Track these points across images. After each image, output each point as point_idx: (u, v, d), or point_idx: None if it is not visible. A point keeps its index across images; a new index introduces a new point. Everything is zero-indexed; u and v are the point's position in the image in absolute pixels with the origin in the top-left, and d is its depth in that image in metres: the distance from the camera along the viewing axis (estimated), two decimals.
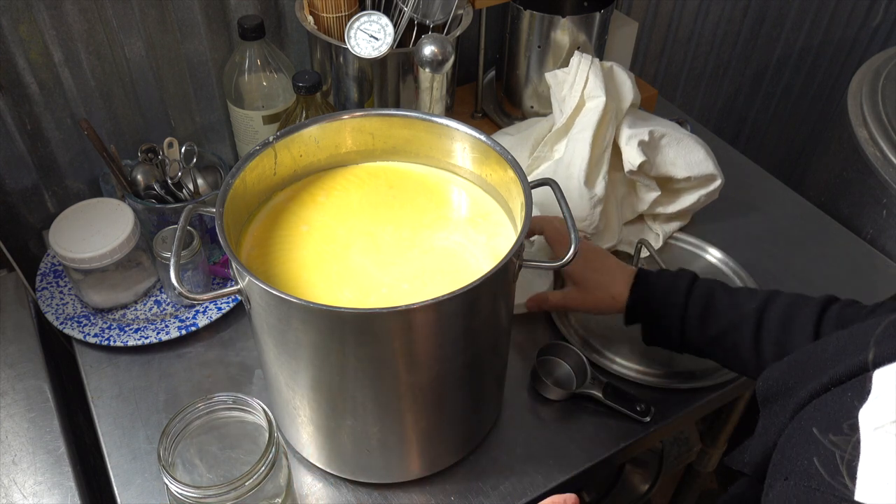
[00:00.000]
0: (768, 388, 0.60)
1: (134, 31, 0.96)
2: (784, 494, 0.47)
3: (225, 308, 0.92)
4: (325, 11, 0.95)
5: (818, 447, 0.47)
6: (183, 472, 0.66)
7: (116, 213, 0.89)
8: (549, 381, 0.84)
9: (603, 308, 0.83)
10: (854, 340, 0.54)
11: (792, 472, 0.48)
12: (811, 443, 0.48)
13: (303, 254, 0.71)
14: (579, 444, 0.81)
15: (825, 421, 0.49)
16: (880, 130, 1.18)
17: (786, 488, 0.48)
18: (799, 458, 0.48)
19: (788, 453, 0.51)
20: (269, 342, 0.67)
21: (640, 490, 1.22)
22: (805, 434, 0.50)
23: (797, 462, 0.48)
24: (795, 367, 0.58)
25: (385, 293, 0.68)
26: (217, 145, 1.13)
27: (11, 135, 0.95)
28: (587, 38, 1.10)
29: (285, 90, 1.01)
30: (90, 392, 0.85)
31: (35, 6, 0.87)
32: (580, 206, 0.92)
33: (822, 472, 0.45)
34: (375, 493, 0.77)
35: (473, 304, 0.63)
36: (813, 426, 0.50)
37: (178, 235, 0.66)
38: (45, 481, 0.77)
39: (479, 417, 0.79)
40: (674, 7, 1.45)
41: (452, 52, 0.88)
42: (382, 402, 0.68)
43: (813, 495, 0.45)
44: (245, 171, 0.70)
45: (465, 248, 0.72)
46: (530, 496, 0.77)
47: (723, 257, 1.02)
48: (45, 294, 0.93)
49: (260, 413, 0.65)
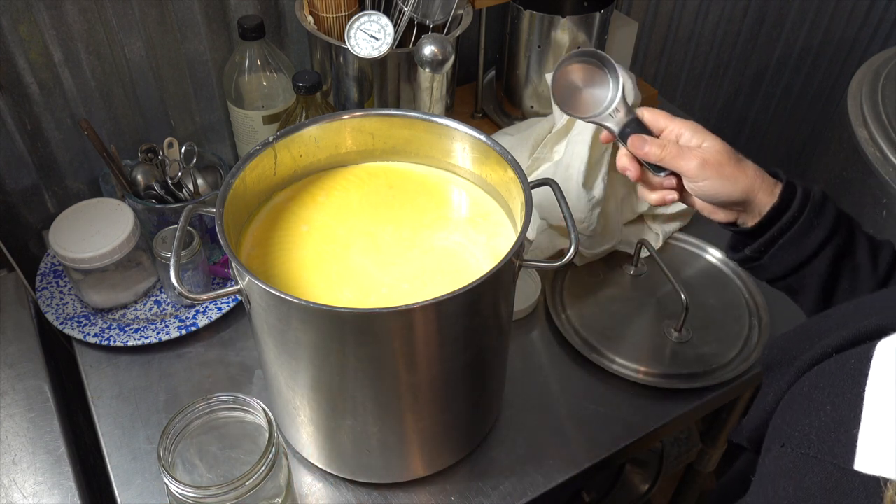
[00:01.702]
0: (772, 356, 0.58)
1: (134, 31, 0.96)
2: (780, 460, 0.47)
3: (225, 308, 0.92)
4: (325, 11, 0.95)
5: (818, 414, 0.46)
6: (183, 472, 0.66)
7: (116, 213, 0.89)
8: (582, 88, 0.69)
9: (729, 198, 0.66)
10: (859, 309, 0.53)
11: (789, 439, 0.47)
12: (811, 409, 0.47)
13: (303, 254, 0.71)
14: (579, 444, 0.81)
15: (826, 387, 0.48)
16: (880, 130, 1.18)
17: (782, 455, 0.47)
18: (798, 424, 0.47)
19: (787, 419, 0.50)
20: (269, 342, 0.67)
21: (640, 490, 1.22)
22: (805, 400, 0.49)
23: (796, 428, 0.47)
24: (800, 334, 0.57)
25: (385, 293, 0.68)
26: (217, 145, 1.13)
27: (11, 135, 0.96)
28: (587, 38, 1.10)
29: (285, 90, 1.01)
30: (90, 392, 0.85)
31: (35, 6, 0.87)
32: (578, 208, 0.92)
33: (821, 439, 0.44)
34: (375, 493, 0.77)
35: (473, 304, 0.63)
36: (814, 392, 0.49)
37: (178, 235, 0.66)
38: (45, 481, 0.77)
39: (479, 417, 0.79)
40: (674, 7, 1.45)
41: (452, 52, 0.88)
42: (382, 402, 0.68)
43: (809, 462, 0.44)
44: (245, 171, 0.70)
45: (465, 248, 0.72)
46: (530, 496, 0.77)
47: (723, 257, 1.02)
48: (45, 294, 0.93)
49: (260, 413, 0.65)
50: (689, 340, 0.91)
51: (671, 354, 0.89)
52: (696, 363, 0.88)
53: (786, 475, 0.45)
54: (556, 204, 0.70)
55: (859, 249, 0.66)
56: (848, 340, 0.50)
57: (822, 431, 0.45)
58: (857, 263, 0.66)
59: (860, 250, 0.66)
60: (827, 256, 0.65)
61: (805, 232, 0.65)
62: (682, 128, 0.67)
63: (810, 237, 0.65)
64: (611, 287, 0.98)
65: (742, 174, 0.65)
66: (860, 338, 0.49)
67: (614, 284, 0.98)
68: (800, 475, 0.44)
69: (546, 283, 0.97)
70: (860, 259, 0.65)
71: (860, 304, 0.55)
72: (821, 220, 0.65)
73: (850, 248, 0.66)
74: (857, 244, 0.66)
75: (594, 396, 0.86)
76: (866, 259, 0.65)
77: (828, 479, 0.41)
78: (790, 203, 0.65)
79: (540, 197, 0.89)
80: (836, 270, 0.66)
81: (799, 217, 0.65)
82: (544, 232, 0.96)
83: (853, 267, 0.66)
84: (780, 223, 0.65)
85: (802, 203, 0.65)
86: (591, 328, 0.92)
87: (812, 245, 0.65)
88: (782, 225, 0.65)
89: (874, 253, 0.66)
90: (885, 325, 0.48)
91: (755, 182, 0.65)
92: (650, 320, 0.94)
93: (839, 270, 0.66)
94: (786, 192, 0.65)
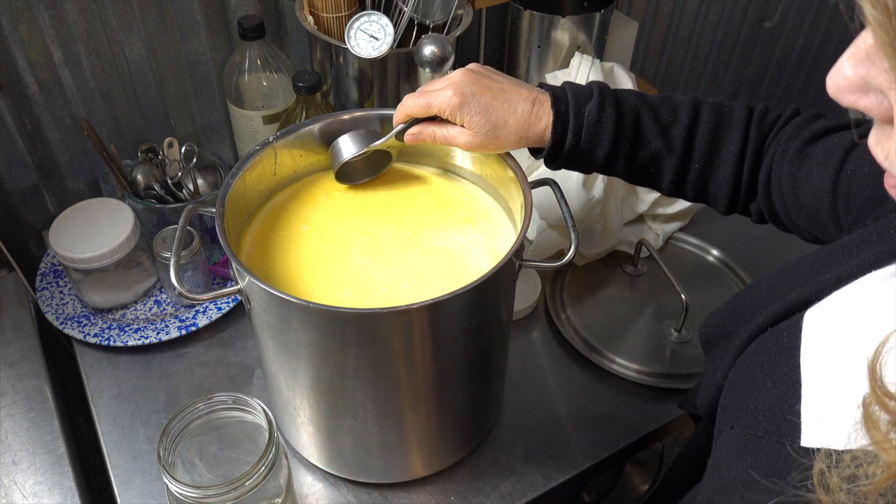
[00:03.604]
0: (709, 333, 0.59)
1: (134, 31, 0.96)
2: (730, 443, 0.47)
3: (225, 308, 0.92)
4: (325, 11, 0.95)
5: (760, 391, 0.47)
6: (183, 472, 0.66)
7: (116, 213, 0.89)
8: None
9: (501, 147, 0.68)
10: (785, 279, 0.54)
11: (738, 420, 0.48)
12: (753, 387, 0.48)
13: (303, 254, 0.71)
14: (579, 443, 0.81)
15: (764, 364, 0.48)
16: None
17: (732, 437, 0.47)
18: (744, 404, 0.48)
19: (733, 398, 0.50)
20: (269, 342, 0.67)
21: (640, 490, 1.22)
22: (748, 378, 0.50)
23: (742, 408, 0.48)
24: (733, 310, 0.57)
25: (385, 293, 0.68)
26: (217, 145, 1.13)
27: (11, 135, 0.96)
28: (587, 38, 1.10)
29: (285, 90, 1.01)
30: (90, 392, 0.85)
31: (35, 6, 0.87)
32: (578, 208, 0.92)
33: (767, 419, 0.45)
34: (375, 493, 0.77)
35: (473, 304, 0.63)
36: (754, 369, 0.49)
37: (178, 235, 0.66)
38: (45, 481, 0.77)
39: (479, 417, 0.79)
40: (674, 7, 1.45)
41: (452, 52, 0.88)
42: (382, 402, 0.68)
43: (758, 443, 0.44)
44: (245, 171, 0.70)
45: (465, 248, 0.72)
46: (530, 496, 0.77)
47: (723, 257, 1.02)
48: (45, 294, 0.93)
49: (260, 413, 0.65)
50: (689, 340, 0.91)
51: (671, 354, 0.89)
52: (696, 363, 0.88)
53: (738, 457, 0.45)
54: (556, 204, 0.70)
55: (650, 140, 0.67)
56: (779, 314, 0.50)
57: (766, 410, 0.45)
58: (654, 152, 0.67)
59: (651, 140, 0.66)
60: (621, 163, 0.67)
61: (589, 151, 0.66)
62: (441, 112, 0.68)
63: (596, 153, 0.66)
64: (611, 287, 0.98)
65: (505, 135, 0.66)
66: (790, 310, 0.50)
67: (614, 284, 0.98)
68: (750, 456, 0.44)
69: (546, 283, 0.97)
70: (655, 147, 0.67)
71: (783, 275, 0.55)
72: (601, 138, 0.66)
73: (639, 143, 0.67)
74: (644, 137, 0.66)
75: (594, 396, 0.86)
76: (660, 144, 0.66)
77: (777, 457, 0.42)
78: (565, 134, 0.66)
79: (540, 197, 0.89)
80: (638, 165, 0.68)
81: (577, 146, 0.66)
82: (544, 232, 0.96)
83: (652, 156, 0.67)
84: (564, 154, 0.67)
85: (576, 133, 0.66)
86: (591, 328, 0.92)
87: (600, 159, 0.67)
88: (566, 154, 0.67)
89: (664, 132, 0.66)
90: (809, 295, 0.49)
91: (521, 131, 0.66)
92: (650, 320, 0.94)
93: (641, 163, 0.68)
94: (557, 123, 0.66)
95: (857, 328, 0.43)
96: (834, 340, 0.44)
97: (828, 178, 0.60)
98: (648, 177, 0.69)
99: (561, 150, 0.67)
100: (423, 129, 0.70)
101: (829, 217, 0.60)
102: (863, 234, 0.50)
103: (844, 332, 0.44)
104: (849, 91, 0.34)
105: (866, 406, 0.34)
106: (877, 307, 0.43)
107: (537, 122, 0.66)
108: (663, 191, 0.71)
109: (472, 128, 0.66)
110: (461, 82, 0.66)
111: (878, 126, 0.34)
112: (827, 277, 0.48)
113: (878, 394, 0.33)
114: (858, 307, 0.44)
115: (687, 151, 0.67)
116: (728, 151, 0.66)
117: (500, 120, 0.65)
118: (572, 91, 0.66)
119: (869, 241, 0.49)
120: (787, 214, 0.66)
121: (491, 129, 0.65)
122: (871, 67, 0.32)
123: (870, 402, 0.33)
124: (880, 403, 0.33)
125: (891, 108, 0.32)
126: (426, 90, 0.68)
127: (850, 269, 0.47)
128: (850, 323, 0.44)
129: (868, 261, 0.46)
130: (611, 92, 0.66)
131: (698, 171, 0.67)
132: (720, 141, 0.66)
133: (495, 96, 0.65)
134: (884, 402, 0.33)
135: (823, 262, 0.51)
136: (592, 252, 0.97)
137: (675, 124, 0.66)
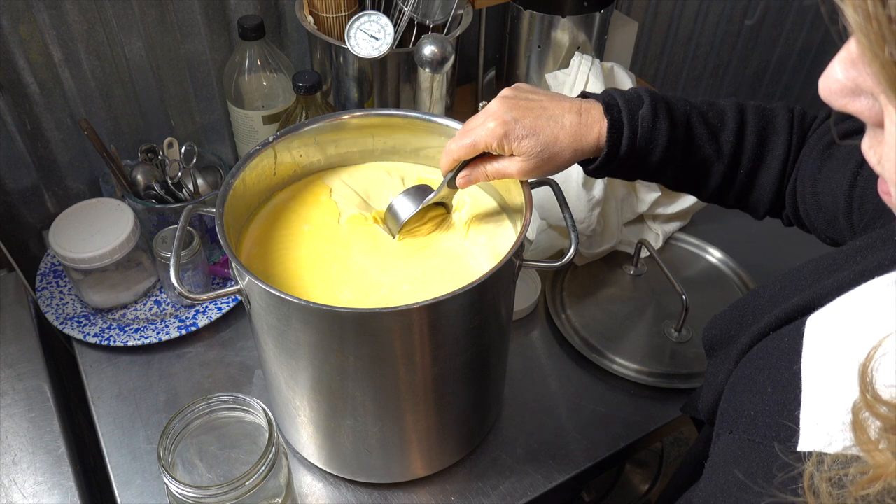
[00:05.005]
0: (712, 337, 0.59)
1: (134, 31, 0.96)
2: (729, 447, 0.47)
3: (225, 308, 0.92)
4: (325, 11, 0.95)
5: (760, 396, 0.46)
6: (183, 472, 0.66)
7: (116, 213, 0.89)
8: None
9: (559, 167, 0.66)
10: (788, 284, 0.54)
11: (737, 424, 0.47)
12: (753, 391, 0.48)
13: (303, 253, 0.71)
14: (579, 444, 0.81)
15: (765, 368, 0.48)
16: None
17: (730, 442, 0.47)
18: (744, 409, 0.47)
19: (734, 402, 0.50)
20: (269, 342, 0.67)
21: (640, 490, 1.22)
22: (748, 382, 0.49)
23: (742, 413, 0.47)
24: (736, 313, 0.57)
25: (385, 294, 0.68)
26: (217, 145, 1.13)
27: (11, 135, 0.96)
28: (587, 38, 1.10)
29: (285, 90, 1.01)
30: (90, 392, 0.85)
31: (35, 6, 0.87)
32: (578, 208, 0.92)
33: (766, 424, 0.44)
34: (375, 493, 0.77)
35: (473, 304, 0.63)
36: (755, 374, 0.49)
37: (178, 235, 0.66)
38: (45, 481, 0.77)
39: (479, 417, 0.79)
40: (674, 7, 1.45)
41: (452, 52, 0.88)
42: (382, 402, 0.68)
43: (756, 449, 0.44)
44: (245, 171, 0.70)
45: (465, 249, 0.72)
46: (530, 496, 0.77)
47: (723, 257, 1.02)
48: (45, 294, 0.93)
49: (260, 413, 0.65)
50: (689, 340, 0.91)
51: (671, 354, 0.89)
52: (697, 363, 0.88)
53: (735, 461, 0.45)
54: (556, 204, 0.70)
55: (701, 145, 0.66)
56: (781, 319, 0.50)
57: (766, 416, 0.45)
58: (703, 157, 0.66)
59: (702, 145, 0.66)
60: (671, 169, 0.66)
61: (643, 157, 0.65)
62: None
63: (650, 159, 0.65)
64: (611, 287, 0.98)
65: (559, 151, 0.64)
66: (792, 315, 0.49)
67: (614, 284, 0.98)
68: (748, 461, 0.44)
69: (546, 283, 0.97)
70: (705, 152, 0.66)
71: (787, 279, 0.55)
72: (655, 144, 0.64)
73: (691, 148, 0.66)
74: (696, 142, 0.66)
75: (594, 396, 0.86)
76: (710, 150, 0.66)
77: (773, 463, 0.42)
78: (619, 141, 0.64)
79: (540, 197, 0.89)
80: (687, 171, 0.67)
81: (632, 153, 0.64)
82: (544, 232, 0.96)
83: (702, 161, 0.66)
84: (617, 161, 0.65)
85: (631, 139, 0.64)
86: (591, 328, 0.92)
87: (653, 165, 0.65)
88: (619, 161, 0.65)
89: (714, 137, 0.66)
90: (811, 300, 0.48)
91: (574, 143, 0.64)
92: (650, 320, 0.94)
93: (690, 168, 0.67)
94: (612, 131, 0.63)
95: (857, 334, 0.43)
96: (835, 346, 0.44)
97: (846, 179, 0.59)
98: (694, 182, 0.69)
99: (615, 158, 0.64)
100: (473, 170, 0.67)
101: (845, 220, 0.60)
102: (867, 239, 0.50)
103: (845, 338, 0.43)
104: (840, 94, 0.34)
105: (856, 410, 0.33)
106: (878, 313, 0.42)
107: (588, 131, 0.64)
108: (704, 196, 0.70)
109: (523, 153, 0.63)
110: (500, 111, 0.64)
111: (870, 130, 0.34)
112: (830, 283, 0.48)
113: (867, 398, 0.33)
114: (860, 313, 0.44)
115: (735, 156, 0.66)
116: (773, 156, 0.66)
117: (549, 138, 0.63)
118: (622, 97, 0.65)
119: (873, 246, 0.49)
120: (807, 216, 0.65)
121: (543, 149, 0.63)
122: (861, 71, 0.32)
123: (860, 407, 0.33)
124: (869, 407, 0.32)
125: (881, 111, 0.32)
126: (467, 129, 0.66)
127: (853, 274, 0.47)
128: (851, 329, 0.44)
129: (871, 267, 0.46)
130: (661, 96, 0.65)
131: (744, 176, 0.67)
132: (767, 146, 0.66)
133: (538, 116, 0.63)
134: (873, 406, 0.32)
135: (827, 268, 0.51)
136: (592, 252, 0.97)
137: (723, 129, 0.65)
